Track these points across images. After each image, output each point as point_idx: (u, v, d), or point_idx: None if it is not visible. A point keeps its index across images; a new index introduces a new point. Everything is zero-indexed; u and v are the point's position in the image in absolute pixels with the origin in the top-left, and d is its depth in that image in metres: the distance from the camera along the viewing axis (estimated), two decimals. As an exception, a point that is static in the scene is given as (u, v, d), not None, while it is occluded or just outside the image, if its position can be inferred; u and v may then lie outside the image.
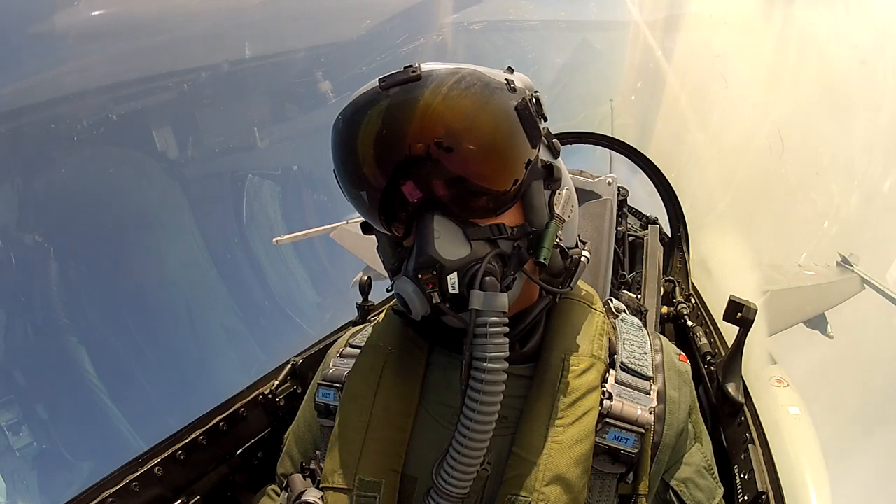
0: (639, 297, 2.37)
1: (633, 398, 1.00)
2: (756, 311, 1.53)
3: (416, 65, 0.86)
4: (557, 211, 0.97)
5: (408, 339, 1.11)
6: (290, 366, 1.78)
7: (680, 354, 1.15)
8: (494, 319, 0.85)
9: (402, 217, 0.91)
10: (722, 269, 3.60)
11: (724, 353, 1.97)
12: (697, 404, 1.14)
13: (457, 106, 0.85)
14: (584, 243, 1.10)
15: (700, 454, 1.11)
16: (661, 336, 1.17)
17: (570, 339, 1.05)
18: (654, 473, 1.03)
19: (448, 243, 0.87)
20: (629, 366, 1.05)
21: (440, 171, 0.86)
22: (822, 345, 5.13)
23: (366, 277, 1.90)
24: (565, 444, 0.95)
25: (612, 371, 1.04)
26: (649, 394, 1.02)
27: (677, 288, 2.76)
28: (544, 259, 0.92)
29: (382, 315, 1.20)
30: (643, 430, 0.98)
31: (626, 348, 1.08)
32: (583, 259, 1.05)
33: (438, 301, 0.87)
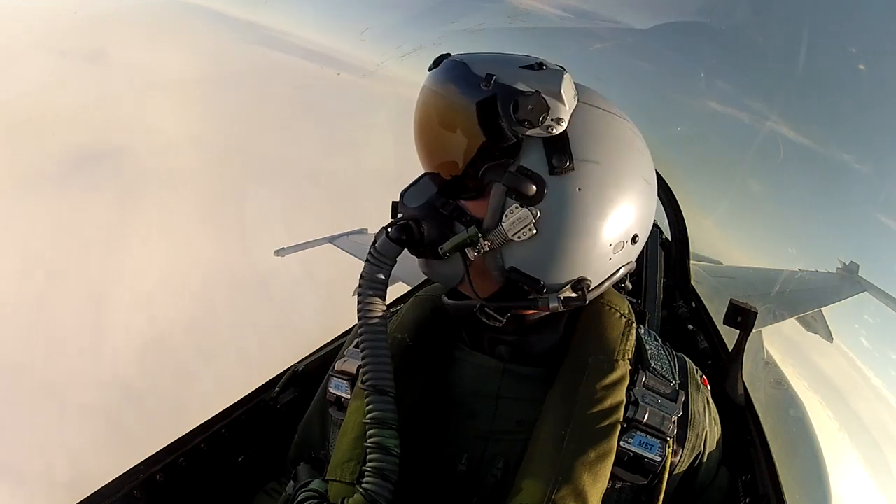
0: (639, 300, 2.37)
1: (659, 405, 0.99)
2: (756, 314, 1.53)
3: (451, 54, 1.00)
4: (503, 223, 0.92)
5: (429, 332, 1.11)
6: (291, 372, 1.78)
7: (702, 377, 1.13)
8: (371, 251, 0.98)
9: None
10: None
11: (724, 357, 1.98)
12: (720, 431, 1.13)
13: (433, 94, 0.98)
14: (577, 295, 0.98)
15: (727, 479, 1.12)
16: (683, 355, 1.16)
17: (597, 342, 1.03)
18: (669, 491, 1.01)
19: (414, 194, 1.01)
20: (658, 371, 1.04)
21: (421, 145, 1.01)
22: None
23: None
24: (585, 452, 0.92)
25: (639, 374, 1.02)
26: (675, 402, 1.00)
27: (677, 291, 2.76)
28: (440, 249, 0.97)
29: (406, 305, 1.20)
30: (668, 439, 0.96)
31: (652, 356, 1.07)
32: (540, 301, 0.96)
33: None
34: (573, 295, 0.98)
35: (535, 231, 0.92)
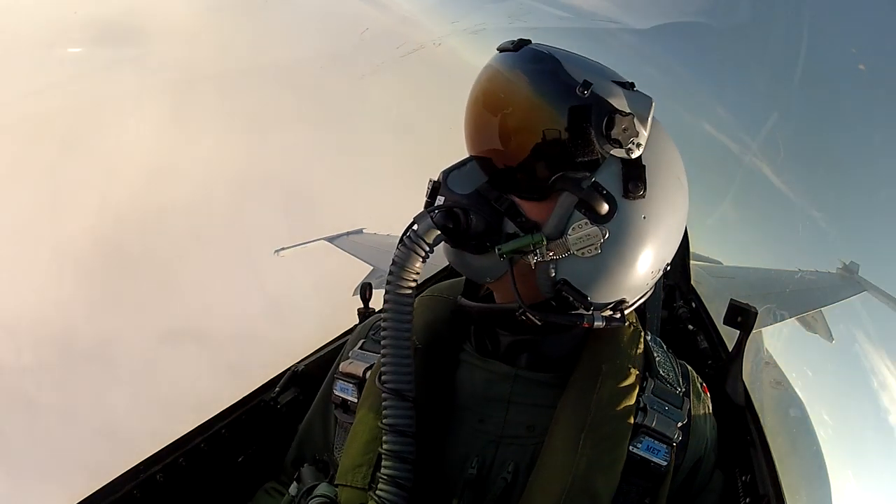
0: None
1: (666, 412, 1.00)
2: (756, 314, 1.53)
3: (530, 40, 0.95)
4: (568, 235, 0.91)
5: (437, 335, 1.10)
6: (291, 372, 1.78)
7: (702, 384, 1.15)
8: (409, 234, 0.93)
9: None
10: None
11: (724, 357, 1.97)
12: (716, 438, 1.14)
13: (512, 79, 0.92)
14: (619, 315, 0.97)
15: (721, 481, 1.12)
16: (685, 362, 1.17)
17: (610, 350, 1.04)
18: (670, 493, 1.02)
19: (460, 178, 0.97)
20: (666, 378, 1.06)
21: (479, 127, 0.95)
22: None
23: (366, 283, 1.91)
24: (599, 457, 0.94)
25: (648, 381, 1.03)
26: (681, 409, 1.03)
27: (677, 291, 2.76)
28: (498, 249, 0.92)
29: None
30: (674, 444, 0.98)
31: (660, 363, 1.08)
32: (585, 319, 0.94)
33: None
34: (615, 315, 0.98)
35: (599, 251, 0.91)
